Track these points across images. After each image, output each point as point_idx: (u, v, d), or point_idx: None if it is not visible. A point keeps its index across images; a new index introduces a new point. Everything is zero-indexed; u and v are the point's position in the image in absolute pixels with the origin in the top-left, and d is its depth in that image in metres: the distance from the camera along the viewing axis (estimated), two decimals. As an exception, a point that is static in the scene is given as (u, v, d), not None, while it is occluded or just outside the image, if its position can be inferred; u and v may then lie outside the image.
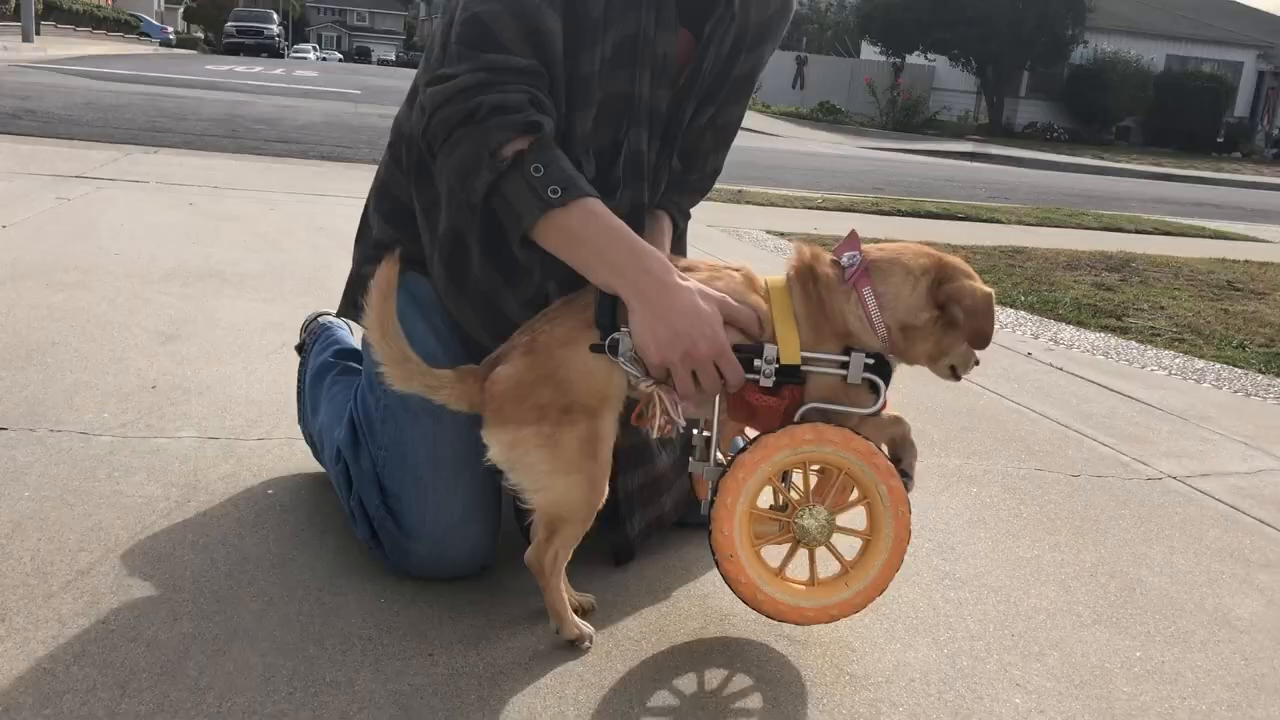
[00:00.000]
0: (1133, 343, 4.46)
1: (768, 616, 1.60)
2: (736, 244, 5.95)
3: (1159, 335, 4.63)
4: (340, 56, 73.08)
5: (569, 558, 1.61)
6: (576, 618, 1.65)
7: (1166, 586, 2.07)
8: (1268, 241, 9.32)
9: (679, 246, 2.00)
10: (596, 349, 1.54)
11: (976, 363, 1.68)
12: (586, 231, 1.55)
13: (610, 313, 1.54)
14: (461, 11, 1.59)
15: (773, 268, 1.68)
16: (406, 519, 1.73)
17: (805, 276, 1.61)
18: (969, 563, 2.08)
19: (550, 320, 1.59)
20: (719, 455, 1.64)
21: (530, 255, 1.67)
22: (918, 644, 1.75)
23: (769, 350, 1.54)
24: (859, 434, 1.55)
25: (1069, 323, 4.76)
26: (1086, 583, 2.05)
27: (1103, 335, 4.56)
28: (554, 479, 1.54)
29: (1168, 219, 10.23)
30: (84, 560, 1.72)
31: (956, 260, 1.64)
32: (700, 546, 1.97)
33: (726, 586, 1.59)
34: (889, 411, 1.62)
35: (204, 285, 3.63)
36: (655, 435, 1.57)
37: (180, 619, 1.59)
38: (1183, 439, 3.09)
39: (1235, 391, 3.77)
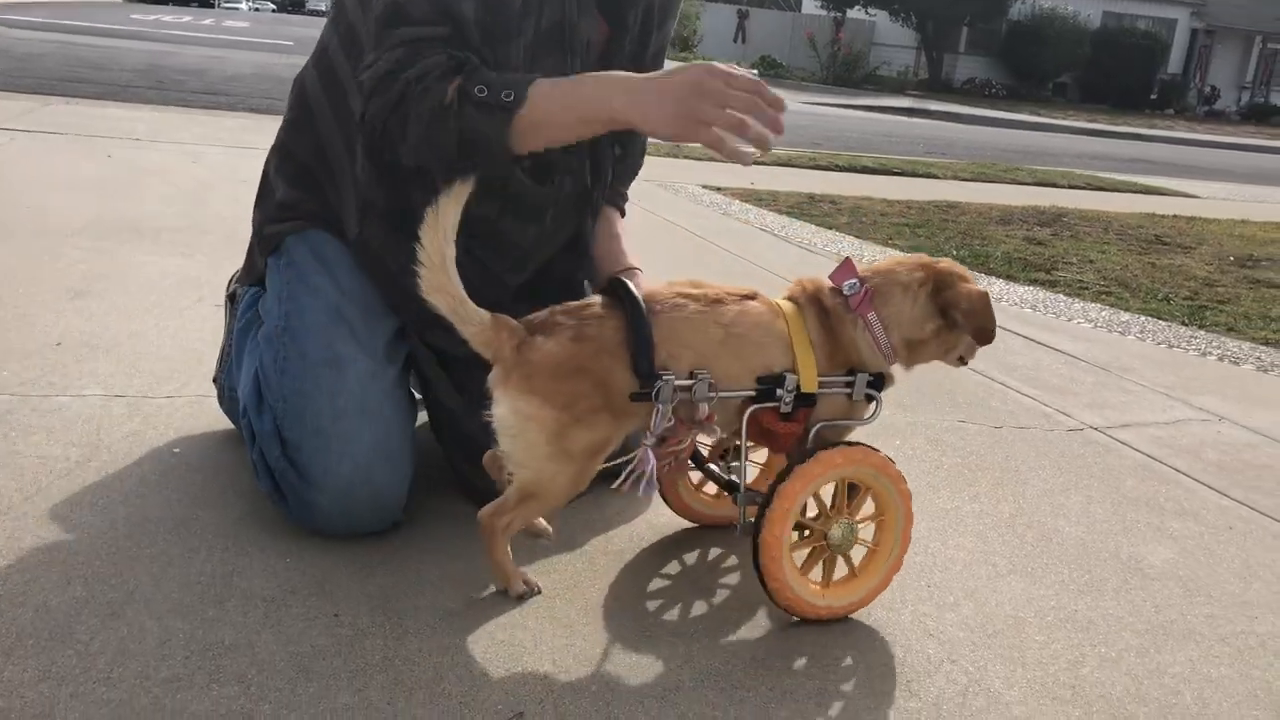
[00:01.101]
0: (1060, 296, 4.50)
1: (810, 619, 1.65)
2: (674, 199, 5.90)
3: (1086, 289, 4.69)
4: (274, 6, 70.99)
5: (522, 526, 1.61)
6: (523, 572, 1.64)
7: (1082, 535, 2.09)
8: (1196, 197, 9.49)
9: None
10: (638, 398, 1.52)
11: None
12: (558, 102, 1.54)
13: (649, 360, 1.51)
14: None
15: (710, 223, 1.66)
16: (308, 469, 1.68)
17: (815, 306, 1.65)
18: (889, 514, 2.08)
19: (599, 319, 1.54)
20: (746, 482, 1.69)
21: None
22: (834, 596, 1.74)
23: (789, 380, 1.58)
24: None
25: (999, 276, 4.80)
26: (1004, 533, 2.06)
27: (1031, 289, 4.59)
28: (549, 464, 1.52)
29: (1100, 174, 10.34)
30: (-27, 523, 1.66)
31: (948, 264, 1.70)
32: (619, 501, 1.96)
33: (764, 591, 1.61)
34: None
35: (118, 239, 3.51)
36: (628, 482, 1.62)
37: (72, 582, 1.53)
38: (1105, 390, 3.13)
39: (1158, 343, 3.83)
